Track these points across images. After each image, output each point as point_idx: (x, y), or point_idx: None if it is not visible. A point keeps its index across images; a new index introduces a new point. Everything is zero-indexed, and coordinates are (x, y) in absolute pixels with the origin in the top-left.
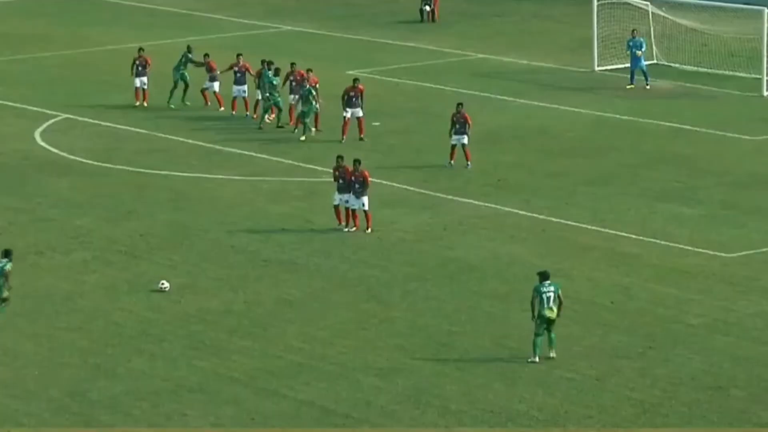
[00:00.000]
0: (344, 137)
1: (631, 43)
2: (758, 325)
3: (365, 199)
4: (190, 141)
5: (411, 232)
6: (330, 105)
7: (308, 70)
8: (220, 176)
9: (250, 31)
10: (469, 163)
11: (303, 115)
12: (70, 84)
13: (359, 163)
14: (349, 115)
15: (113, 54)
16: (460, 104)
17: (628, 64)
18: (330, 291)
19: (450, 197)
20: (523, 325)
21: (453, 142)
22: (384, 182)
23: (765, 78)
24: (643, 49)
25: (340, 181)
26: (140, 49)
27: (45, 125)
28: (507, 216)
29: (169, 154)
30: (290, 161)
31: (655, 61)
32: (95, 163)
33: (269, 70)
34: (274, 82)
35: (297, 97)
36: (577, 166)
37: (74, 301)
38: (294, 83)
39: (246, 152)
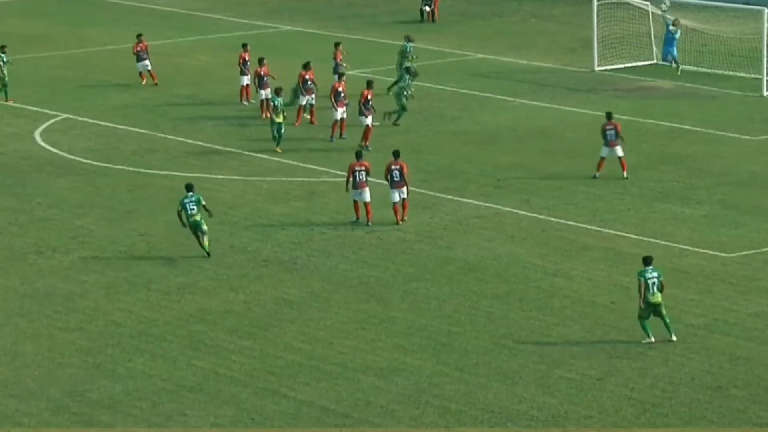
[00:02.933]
0: (367, 143)
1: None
2: (758, 325)
3: (404, 189)
4: (190, 141)
5: (411, 232)
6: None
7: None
8: (220, 176)
9: (250, 31)
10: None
11: (278, 127)
12: (70, 84)
13: (398, 155)
14: (369, 121)
15: (113, 54)
16: (609, 113)
17: (629, 64)
18: (330, 291)
19: (450, 197)
20: (523, 325)
21: (603, 155)
22: (384, 182)
23: (765, 78)
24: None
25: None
26: (139, 35)
27: (45, 125)
28: (507, 216)
29: (169, 154)
30: (290, 161)
31: (654, 61)
32: (95, 163)
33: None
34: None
35: (307, 98)
36: (577, 166)
37: (74, 301)
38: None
39: (246, 152)
